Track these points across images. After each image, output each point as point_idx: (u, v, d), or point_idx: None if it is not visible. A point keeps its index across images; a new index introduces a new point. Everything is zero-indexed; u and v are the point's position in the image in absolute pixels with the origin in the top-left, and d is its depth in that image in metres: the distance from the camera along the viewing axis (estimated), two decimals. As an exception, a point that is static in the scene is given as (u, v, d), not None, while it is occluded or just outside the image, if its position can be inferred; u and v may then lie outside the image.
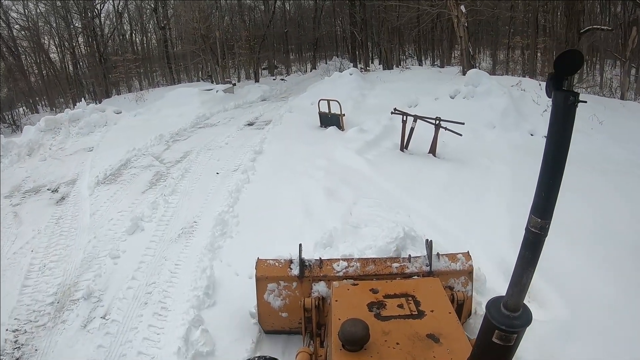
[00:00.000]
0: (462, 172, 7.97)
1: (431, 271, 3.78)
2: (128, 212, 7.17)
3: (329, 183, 7.31)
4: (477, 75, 12.00)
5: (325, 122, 12.39)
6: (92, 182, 8.90)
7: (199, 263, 5.21)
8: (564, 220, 5.94)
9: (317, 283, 3.81)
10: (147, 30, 35.56)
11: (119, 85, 28.82)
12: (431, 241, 3.88)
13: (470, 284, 3.93)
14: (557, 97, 1.23)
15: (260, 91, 22.41)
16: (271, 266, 3.95)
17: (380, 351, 2.23)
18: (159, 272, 5.32)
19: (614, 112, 11.46)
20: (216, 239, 5.78)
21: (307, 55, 41.27)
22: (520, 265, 1.41)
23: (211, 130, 13.70)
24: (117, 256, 5.78)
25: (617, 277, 4.68)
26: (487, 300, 1.57)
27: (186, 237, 6.15)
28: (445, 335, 2.37)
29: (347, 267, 3.83)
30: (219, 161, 9.77)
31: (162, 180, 8.71)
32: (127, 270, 5.42)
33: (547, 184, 1.32)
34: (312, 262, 3.93)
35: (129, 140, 12.07)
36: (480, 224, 5.78)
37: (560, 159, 1.29)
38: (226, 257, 5.34)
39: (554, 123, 1.27)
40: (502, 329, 1.44)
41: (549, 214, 1.35)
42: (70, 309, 4.86)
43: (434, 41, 32.49)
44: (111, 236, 6.42)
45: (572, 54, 1.21)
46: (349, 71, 18.51)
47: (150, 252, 5.80)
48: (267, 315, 3.98)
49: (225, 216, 6.43)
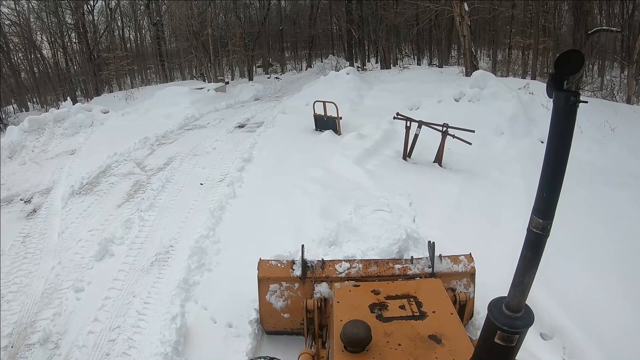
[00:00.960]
0: (473, 186, 7.16)
1: (433, 273, 3.80)
2: (99, 232, 6.40)
3: (324, 200, 6.50)
4: (483, 77, 11.23)
5: (320, 125, 11.64)
6: (67, 192, 8.16)
7: (170, 306, 4.41)
8: (583, 241, 5.29)
9: (319, 284, 3.83)
10: (141, 27, 34.71)
11: (111, 83, 27.99)
12: (433, 243, 3.88)
13: (472, 285, 3.95)
14: (558, 97, 1.21)
15: (254, 90, 21.68)
16: (273, 267, 3.95)
17: (382, 352, 2.21)
18: (125, 312, 4.54)
19: (625, 118, 10.77)
20: (192, 272, 4.96)
21: (303, 53, 40.60)
22: (522, 266, 1.39)
23: (199, 132, 12.90)
24: (81, 289, 5.01)
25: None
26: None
27: (160, 265, 5.35)
28: (447, 336, 2.34)
29: (350, 269, 3.86)
30: (204, 169, 8.97)
31: (141, 192, 7.92)
32: (90, 309, 4.65)
33: (548, 185, 1.29)
34: (315, 263, 3.95)
35: (113, 143, 11.35)
36: (498, 253, 5.01)
37: (561, 160, 1.27)
38: (202, 298, 4.55)
39: (555, 124, 1.25)
40: (504, 329, 1.43)
41: (550, 215, 1.31)
42: (24, 357, 4.13)
43: (432, 40, 31.87)
44: (77, 262, 5.64)
45: (573, 54, 1.19)
46: (345, 70, 17.68)
47: (118, 285, 5.01)
48: (269, 316, 3.97)
49: (205, 242, 5.62)
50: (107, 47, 29.04)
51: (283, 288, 3.89)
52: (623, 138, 9.52)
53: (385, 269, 3.86)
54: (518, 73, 23.37)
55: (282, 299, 3.90)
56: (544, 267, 1.44)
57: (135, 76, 32.09)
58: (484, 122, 9.75)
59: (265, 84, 25.09)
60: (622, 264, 4.87)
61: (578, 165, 8.27)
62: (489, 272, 4.12)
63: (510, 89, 10.94)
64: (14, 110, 23.47)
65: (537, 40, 21.14)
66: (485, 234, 5.49)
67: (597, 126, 9.98)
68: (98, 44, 28.30)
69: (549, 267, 4.69)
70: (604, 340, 3.84)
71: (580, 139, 9.29)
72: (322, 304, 3.69)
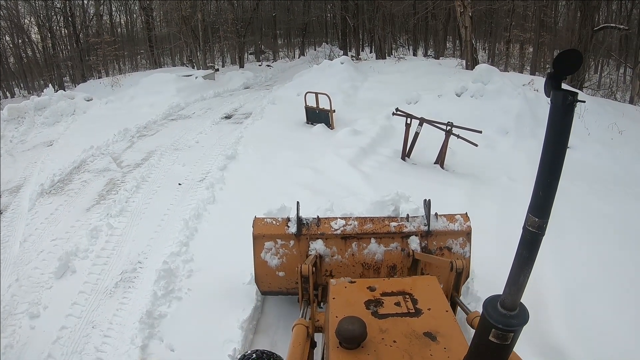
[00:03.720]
0: (480, 194, 6.49)
1: (429, 231, 3.87)
2: (63, 242, 5.69)
3: (314, 210, 5.72)
4: (488, 72, 10.56)
5: (312, 118, 10.95)
6: (36, 191, 7.45)
7: (132, 343, 3.73)
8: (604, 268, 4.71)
9: (314, 241, 3.86)
10: (132, 11, 33.60)
11: (98, 69, 27.02)
12: (429, 200, 3.90)
13: (468, 245, 3.96)
14: (556, 96, 1.18)
15: (244, 78, 20.89)
16: (268, 224, 3.95)
17: (377, 349, 2.18)
18: (82, 348, 3.86)
19: (632, 120, 10.26)
20: (158, 301, 4.24)
21: (296, 41, 39.71)
22: (517, 264, 1.35)
23: (183, 123, 12.14)
24: (37, 315, 4.34)
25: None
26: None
27: (124, 288, 4.66)
28: (442, 333, 2.31)
29: (345, 226, 3.88)
30: (184, 167, 8.24)
31: (114, 192, 7.19)
32: (44, 341, 3.98)
33: (545, 184, 1.26)
34: (310, 220, 3.94)
35: (92, 134, 10.64)
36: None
37: (558, 159, 1.24)
38: (169, 334, 3.84)
39: (553, 122, 1.22)
40: (499, 327, 1.40)
41: (546, 213, 1.28)
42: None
43: (427, 31, 31.20)
44: (36, 279, 4.95)
45: (571, 53, 1.18)
46: (339, 60, 16.90)
47: (77, 311, 4.32)
48: (263, 275, 3.95)
49: (175, 261, 4.87)
50: (96, 32, 28.01)
51: (278, 246, 3.89)
52: (632, 142, 9.00)
53: (381, 226, 3.90)
54: (516, 67, 22.89)
55: (277, 256, 3.89)
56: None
57: (125, 62, 31.10)
58: (488, 120, 9.15)
59: (256, 71, 24.23)
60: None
61: (588, 170, 7.71)
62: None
63: (516, 86, 10.33)
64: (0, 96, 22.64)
65: (537, 35, 20.54)
66: (503, 257, 4.82)
67: (605, 128, 9.48)
68: (87, 27, 27.31)
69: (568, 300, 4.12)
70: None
71: (589, 142, 8.75)
72: (318, 261, 3.77)
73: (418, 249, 3.86)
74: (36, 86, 25.04)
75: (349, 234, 3.84)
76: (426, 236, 3.90)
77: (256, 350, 2.96)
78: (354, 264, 3.91)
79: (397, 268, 3.93)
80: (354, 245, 3.89)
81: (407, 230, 3.88)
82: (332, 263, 3.90)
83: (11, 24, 25.12)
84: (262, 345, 3.59)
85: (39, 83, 25.36)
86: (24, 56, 26.46)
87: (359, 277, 3.89)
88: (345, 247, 3.90)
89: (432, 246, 3.92)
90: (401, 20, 29.88)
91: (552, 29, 22.24)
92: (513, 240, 1.39)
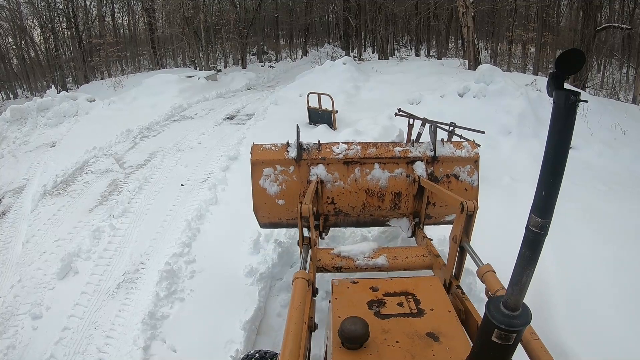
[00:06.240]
0: (482, 194, 6.46)
1: (435, 156, 3.73)
2: (65, 242, 5.72)
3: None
4: (490, 72, 10.51)
5: (314, 118, 10.96)
6: (39, 192, 7.47)
7: (134, 344, 3.74)
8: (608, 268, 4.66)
9: (315, 166, 3.71)
10: (134, 12, 33.66)
11: (101, 70, 27.10)
12: (435, 126, 3.84)
13: (476, 173, 3.83)
14: (559, 96, 1.18)
15: (246, 79, 20.95)
16: (267, 150, 3.78)
17: (380, 349, 2.16)
18: (84, 349, 3.87)
19: (635, 120, 10.18)
20: (161, 302, 4.25)
21: (298, 42, 39.72)
22: (520, 264, 1.35)
23: (186, 124, 12.16)
24: (39, 315, 4.36)
25: None
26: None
27: (127, 288, 4.67)
28: (445, 333, 2.30)
29: (347, 150, 3.73)
30: (186, 167, 8.26)
31: (116, 193, 7.22)
32: (47, 342, 4.00)
33: (547, 183, 1.26)
34: (310, 145, 3.77)
35: (94, 135, 10.71)
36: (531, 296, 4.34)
37: (561, 159, 1.24)
38: (171, 335, 3.85)
39: (555, 122, 1.22)
40: (501, 328, 1.40)
41: (549, 214, 1.28)
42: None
43: (430, 31, 31.19)
44: (38, 280, 4.97)
45: (574, 53, 1.16)
46: (342, 60, 16.90)
47: (79, 312, 4.34)
48: (262, 203, 3.77)
49: (178, 262, 4.88)
50: (99, 33, 28.09)
51: (277, 172, 3.72)
52: (636, 142, 8.94)
53: (385, 151, 3.73)
54: (519, 67, 22.84)
55: (277, 183, 3.72)
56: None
57: (127, 63, 31.16)
58: (490, 120, 9.10)
59: (259, 72, 24.28)
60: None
61: (591, 170, 7.68)
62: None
63: (518, 86, 10.28)
64: (2, 97, 22.69)
65: (540, 34, 20.50)
66: (508, 260, 4.80)
67: (608, 128, 9.42)
68: (89, 29, 27.38)
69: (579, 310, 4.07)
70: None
71: (592, 142, 8.71)
72: (319, 187, 3.62)
73: (424, 175, 3.71)
74: (39, 87, 25.22)
75: (352, 159, 3.69)
76: (432, 162, 3.74)
77: (259, 350, 3.01)
78: (357, 190, 3.76)
79: (402, 195, 3.79)
80: (356, 170, 3.74)
81: (413, 155, 3.71)
82: (334, 189, 3.75)
83: (14, 25, 25.24)
84: (265, 346, 3.58)
85: (41, 84, 25.50)
86: (26, 57, 26.59)
87: (362, 204, 3.81)
88: (347, 173, 3.74)
89: (439, 173, 3.77)
90: (403, 20, 29.88)
91: (554, 28, 22.19)
92: (516, 240, 1.38)
